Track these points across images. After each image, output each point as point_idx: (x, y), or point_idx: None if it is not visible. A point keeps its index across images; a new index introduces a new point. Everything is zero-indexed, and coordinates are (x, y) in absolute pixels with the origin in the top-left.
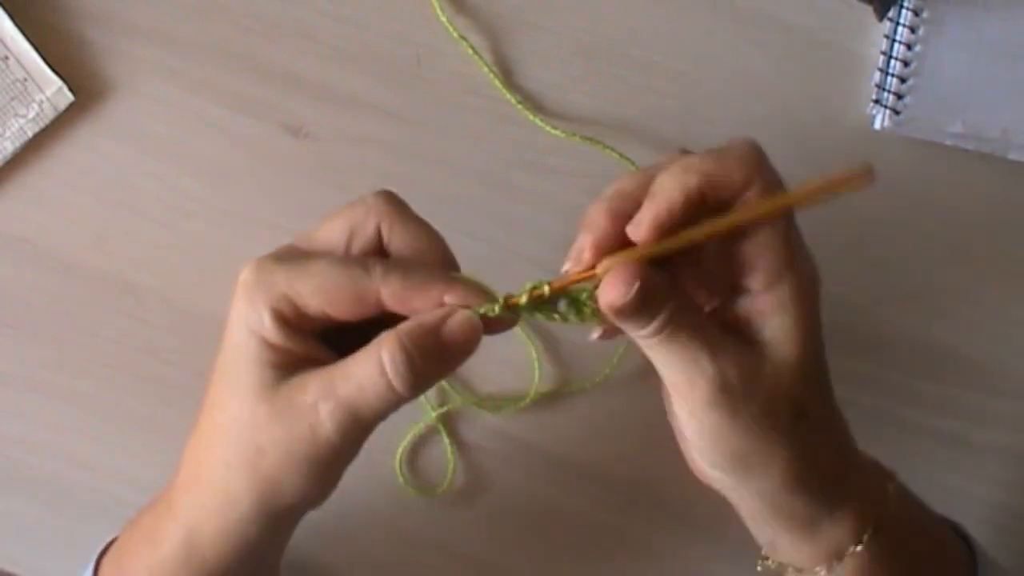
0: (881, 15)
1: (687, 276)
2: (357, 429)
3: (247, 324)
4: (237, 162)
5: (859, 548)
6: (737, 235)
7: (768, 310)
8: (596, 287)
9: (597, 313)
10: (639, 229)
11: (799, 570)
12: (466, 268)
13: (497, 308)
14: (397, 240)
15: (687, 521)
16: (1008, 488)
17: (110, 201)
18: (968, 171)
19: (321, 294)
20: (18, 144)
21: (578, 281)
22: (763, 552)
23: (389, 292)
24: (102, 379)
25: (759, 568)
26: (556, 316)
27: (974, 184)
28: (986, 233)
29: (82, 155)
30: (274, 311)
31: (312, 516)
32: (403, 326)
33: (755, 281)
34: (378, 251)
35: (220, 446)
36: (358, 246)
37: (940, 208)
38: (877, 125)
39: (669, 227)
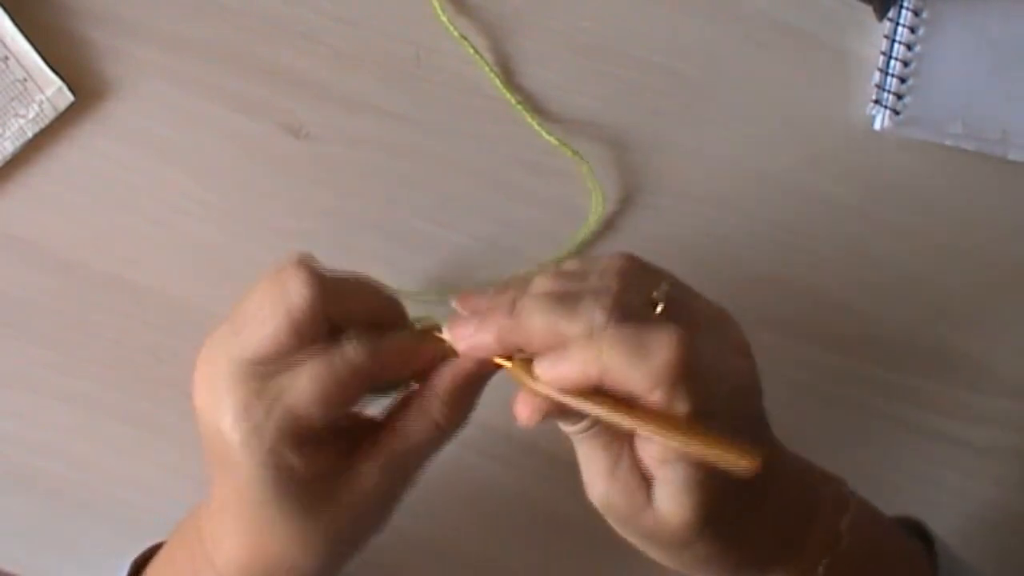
0: (881, 15)
1: None
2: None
3: (257, 455)
4: (237, 162)
5: None
6: None
7: (656, 478)
8: None
9: None
10: (542, 375)
11: None
12: (466, 267)
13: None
14: (334, 311)
15: None
16: (1007, 488)
17: (110, 201)
18: (968, 171)
19: (322, 403)
20: (18, 144)
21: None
22: None
23: (375, 369)
24: (102, 379)
25: None
26: None
27: (974, 184)
28: (986, 233)
29: (82, 155)
30: (285, 434)
31: None
32: (437, 383)
33: (643, 452)
34: (327, 333)
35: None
36: (310, 334)
37: (940, 208)
38: (877, 125)
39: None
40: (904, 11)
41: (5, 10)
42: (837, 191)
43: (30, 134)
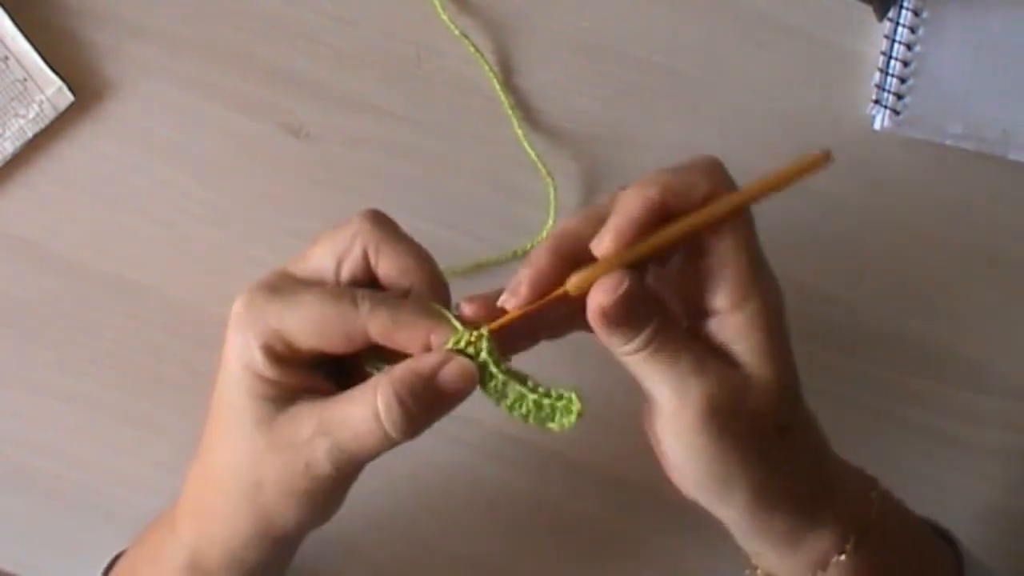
0: (881, 15)
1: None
2: (352, 466)
3: (240, 359)
4: (237, 162)
5: (843, 557)
6: (701, 252)
7: (740, 329)
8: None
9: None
10: (601, 243)
11: None
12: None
13: (466, 344)
14: (384, 264)
15: (686, 521)
16: (1004, 487)
17: (110, 201)
18: (968, 171)
19: (309, 331)
20: (18, 144)
21: (546, 305)
22: (752, 561)
23: (376, 329)
24: (102, 379)
25: (747, 574)
26: (521, 407)
27: (974, 184)
28: (986, 233)
29: (82, 155)
30: (265, 347)
31: None
32: (397, 372)
33: (722, 300)
34: (367, 275)
35: (221, 478)
36: (347, 270)
37: (940, 208)
38: (877, 125)
39: (631, 239)
40: (904, 11)
41: (5, 10)
42: (837, 191)
43: (30, 134)
